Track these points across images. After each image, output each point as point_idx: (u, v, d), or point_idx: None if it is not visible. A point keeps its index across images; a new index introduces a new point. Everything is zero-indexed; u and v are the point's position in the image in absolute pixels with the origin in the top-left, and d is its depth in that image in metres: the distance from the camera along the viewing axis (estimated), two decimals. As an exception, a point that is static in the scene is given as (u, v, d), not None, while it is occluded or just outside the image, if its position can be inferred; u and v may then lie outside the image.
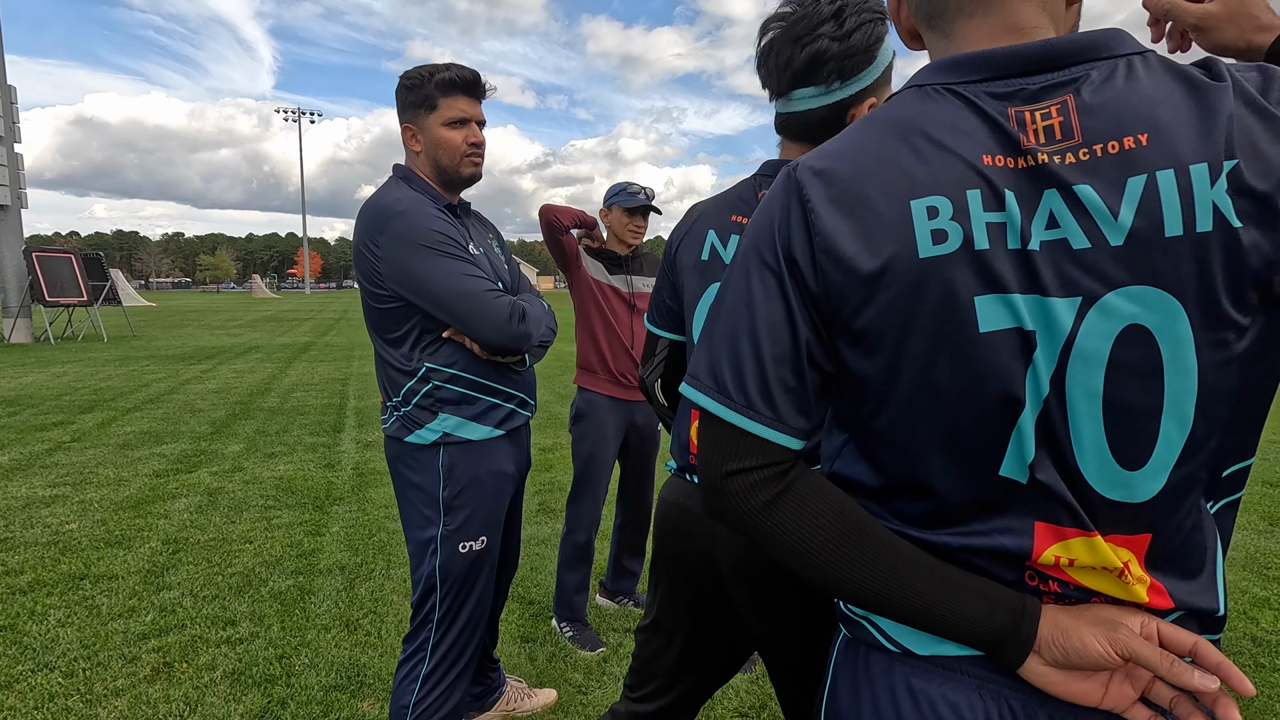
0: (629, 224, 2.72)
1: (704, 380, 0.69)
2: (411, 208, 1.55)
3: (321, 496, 4.40)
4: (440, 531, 1.62)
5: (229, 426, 6.43)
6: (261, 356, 12.37)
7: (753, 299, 0.67)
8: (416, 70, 1.65)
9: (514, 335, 1.57)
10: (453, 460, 1.63)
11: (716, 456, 0.68)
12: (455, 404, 1.62)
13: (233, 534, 3.73)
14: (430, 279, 1.51)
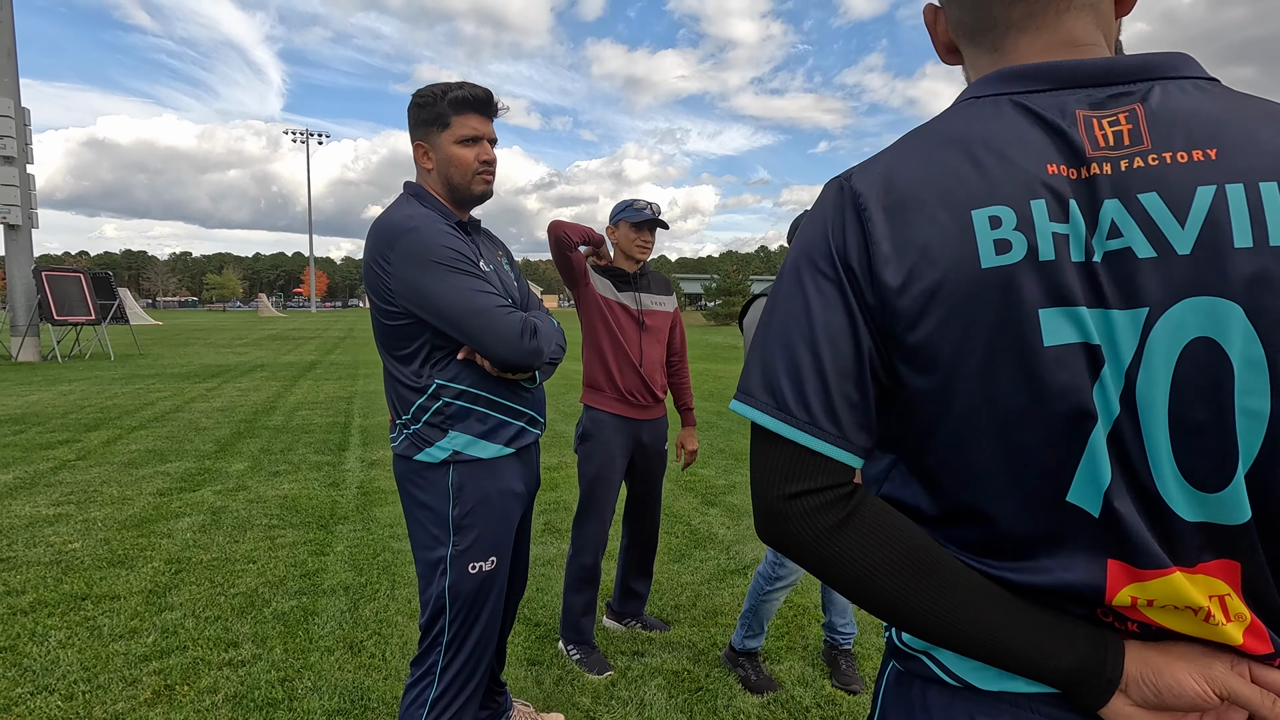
0: (637, 239, 2.71)
1: (759, 396, 0.64)
2: (423, 224, 1.54)
3: (326, 515, 4.36)
4: (450, 551, 1.60)
5: (233, 445, 6.41)
6: (267, 375, 12.39)
7: (810, 307, 0.63)
8: (429, 88, 1.65)
9: (525, 352, 1.55)
10: (462, 479, 1.60)
11: (776, 478, 0.63)
12: (465, 421, 1.60)
13: (236, 553, 3.69)
14: (441, 295, 1.50)
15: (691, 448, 2.96)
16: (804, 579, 3.41)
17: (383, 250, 1.54)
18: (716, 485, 5.19)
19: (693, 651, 2.76)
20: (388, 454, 6.09)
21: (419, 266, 1.51)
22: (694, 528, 4.24)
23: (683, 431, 2.97)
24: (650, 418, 2.75)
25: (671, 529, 4.20)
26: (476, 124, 1.67)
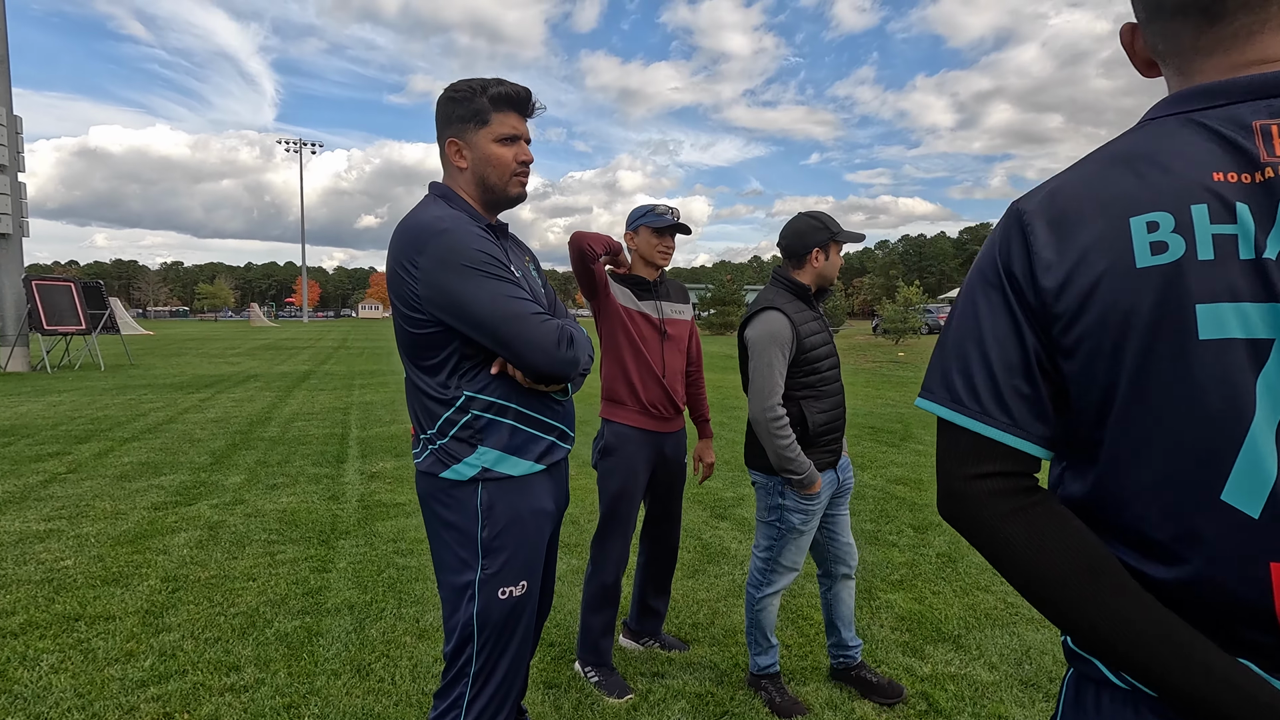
0: (658, 245, 2.62)
1: (937, 391, 0.72)
2: (454, 226, 1.45)
3: (327, 530, 4.24)
4: (479, 576, 1.50)
5: (229, 457, 6.28)
6: (261, 385, 12.23)
7: (978, 313, 0.71)
8: (465, 83, 1.57)
9: (563, 361, 1.46)
10: (492, 498, 1.51)
11: (954, 462, 0.70)
12: (495, 436, 1.51)
13: (235, 570, 3.57)
14: (475, 301, 1.41)
15: (709, 460, 2.87)
16: (803, 587, 3.32)
17: (410, 254, 1.45)
18: (725, 498, 5.09)
19: (715, 673, 2.66)
20: (387, 466, 5.97)
21: (450, 270, 1.41)
22: (705, 542, 4.14)
23: (700, 444, 2.88)
24: (672, 430, 2.67)
25: (683, 544, 4.08)
26: (515, 123, 1.59)
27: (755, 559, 2.52)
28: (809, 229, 2.37)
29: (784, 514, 2.38)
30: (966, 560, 3.82)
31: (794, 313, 2.33)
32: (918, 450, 6.93)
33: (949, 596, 3.34)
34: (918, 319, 25.86)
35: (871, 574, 3.61)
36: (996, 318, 0.69)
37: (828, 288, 2.48)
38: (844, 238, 2.40)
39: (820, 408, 2.34)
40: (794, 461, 2.24)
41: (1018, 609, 3.20)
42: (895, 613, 3.15)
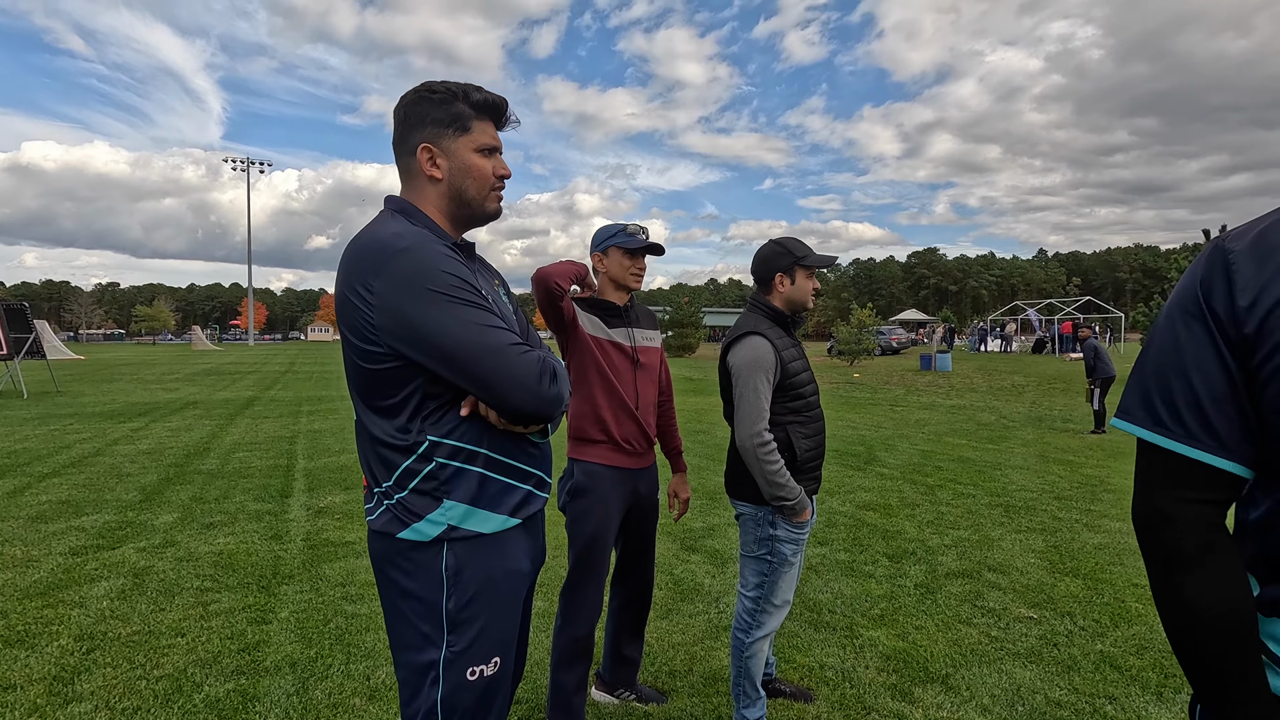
0: (631, 267, 2.45)
1: (1138, 413, 0.76)
2: (416, 243, 1.25)
3: (268, 575, 3.90)
4: (444, 654, 1.28)
5: (161, 493, 5.82)
6: (200, 413, 11.58)
7: (1179, 343, 0.75)
8: (443, 84, 1.38)
9: (548, 399, 1.27)
10: (459, 561, 1.29)
11: (1156, 484, 0.75)
12: (464, 488, 1.30)
13: (161, 625, 3.22)
14: (444, 331, 1.21)
15: (685, 496, 2.71)
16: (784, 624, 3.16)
17: (364, 277, 1.22)
18: (695, 529, 4.92)
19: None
20: (336, 500, 5.61)
21: (413, 296, 1.21)
22: (677, 578, 3.95)
23: (675, 479, 2.71)
24: (646, 465, 2.49)
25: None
26: (494, 133, 1.42)
27: (743, 600, 2.36)
28: (772, 254, 2.35)
29: (776, 545, 2.26)
30: (945, 590, 3.72)
31: (775, 338, 2.26)
32: (882, 474, 6.90)
33: (932, 631, 3.23)
34: (871, 340, 26.36)
35: (851, 609, 3.48)
36: (1200, 349, 0.73)
37: (800, 313, 2.40)
38: (809, 262, 2.33)
39: (806, 433, 2.28)
40: (785, 488, 2.16)
41: (1002, 643, 3.10)
42: (880, 651, 3.01)
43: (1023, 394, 15.83)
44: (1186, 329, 0.74)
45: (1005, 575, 3.97)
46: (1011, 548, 4.49)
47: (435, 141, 1.37)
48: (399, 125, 1.41)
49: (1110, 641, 3.12)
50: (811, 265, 2.33)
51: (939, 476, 6.78)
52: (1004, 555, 4.33)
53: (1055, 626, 3.28)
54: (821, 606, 3.51)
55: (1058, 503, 5.72)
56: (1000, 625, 3.29)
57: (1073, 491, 6.14)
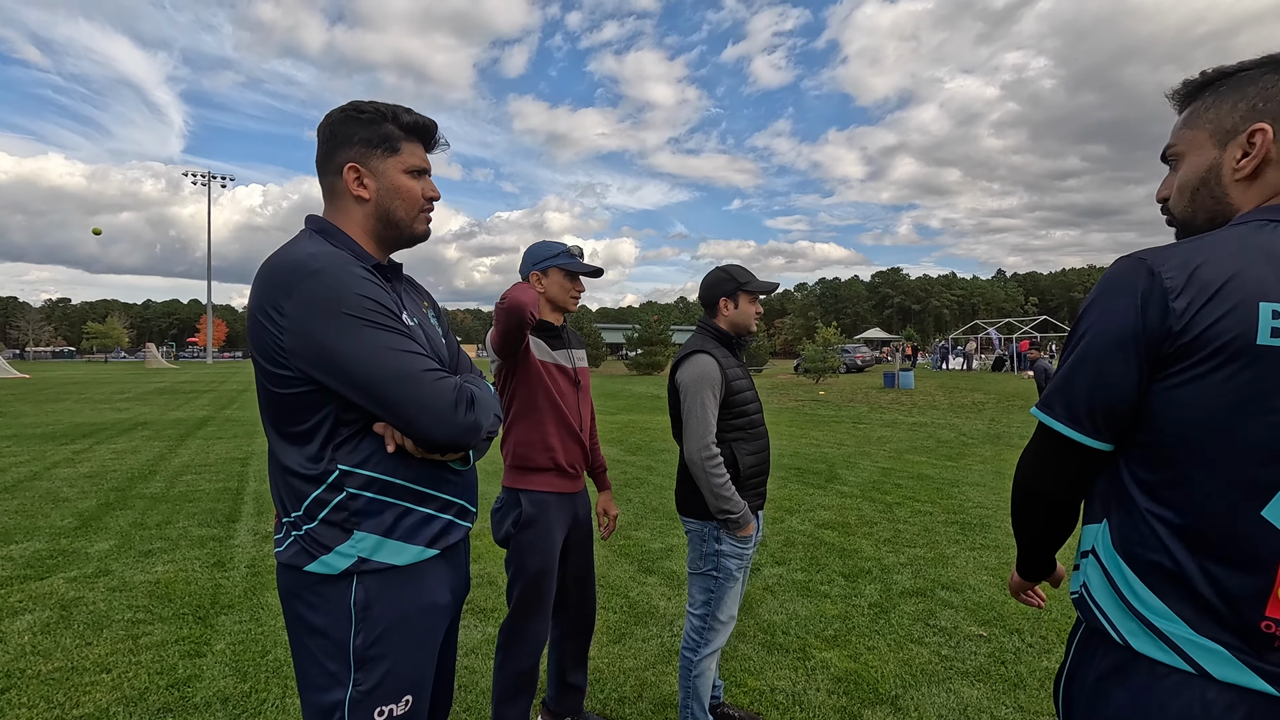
0: (572, 289, 2.42)
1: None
2: (330, 265, 1.21)
3: (205, 604, 3.74)
4: (349, 694, 1.22)
5: (99, 519, 5.57)
6: (149, 434, 11.17)
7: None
8: (372, 104, 1.35)
9: (461, 427, 1.23)
10: (369, 595, 1.24)
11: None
12: (376, 517, 1.25)
13: (86, 660, 3.06)
14: (354, 356, 1.17)
15: (615, 513, 2.67)
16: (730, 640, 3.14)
17: (275, 298, 1.18)
18: (653, 549, 4.88)
19: (642, 757, 2.41)
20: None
21: (325, 319, 1.16)
22: (632, 600, 3.90)
23: (603, 496, 2.66)
24: (581, 488, 2.46)
25: (608, 604, 3.84)
26: (423, 155, 1.40)
27: (691, 618, 2.35)
28: (716, 280, 2.42)
29: (721, 560, 2.27)
30: (898, 610, 3.74)
31: (721, 357, 2.32)
32: (842, 492, 6.95)
33: (884, 651, 3.23)
34: (836, 358, 26.72)
35: (805, 630, 3.47)
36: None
37: (745, 335, 2.45)
38: (752, 287, 2.39)
39: (750, 449, 2.32)
40: (730, 501, 2.19)
41: (952, 662, 3.11)
42: (831, 674, 3.00)
43: (982, 411, 16.17)
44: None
45: (958, 593, 4.01)
46: (965, 565, 4.54)
47: (363, 161, 1.35)
48: (324, 143, 1.38)
49: (1056, 657, 3.15)
50: (753, 291, 2.39)
51: (898, 494, 6.85)
52: (958, 573, 4.38)
53: (1004, 644, 3.31)
54: (776, 628, 3.49)
55: (1011, 519, 5.82)
56: (951, 644, 3.31)
57: (1026, 508, 6.25)
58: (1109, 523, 1.02)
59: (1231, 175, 0.99)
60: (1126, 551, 0.98)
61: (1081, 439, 1.00)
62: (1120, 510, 1.00)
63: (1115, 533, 1.00)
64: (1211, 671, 0.90)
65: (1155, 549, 0.95)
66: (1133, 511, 0.98)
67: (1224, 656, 0.90)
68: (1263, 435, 0.88)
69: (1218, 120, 1.00)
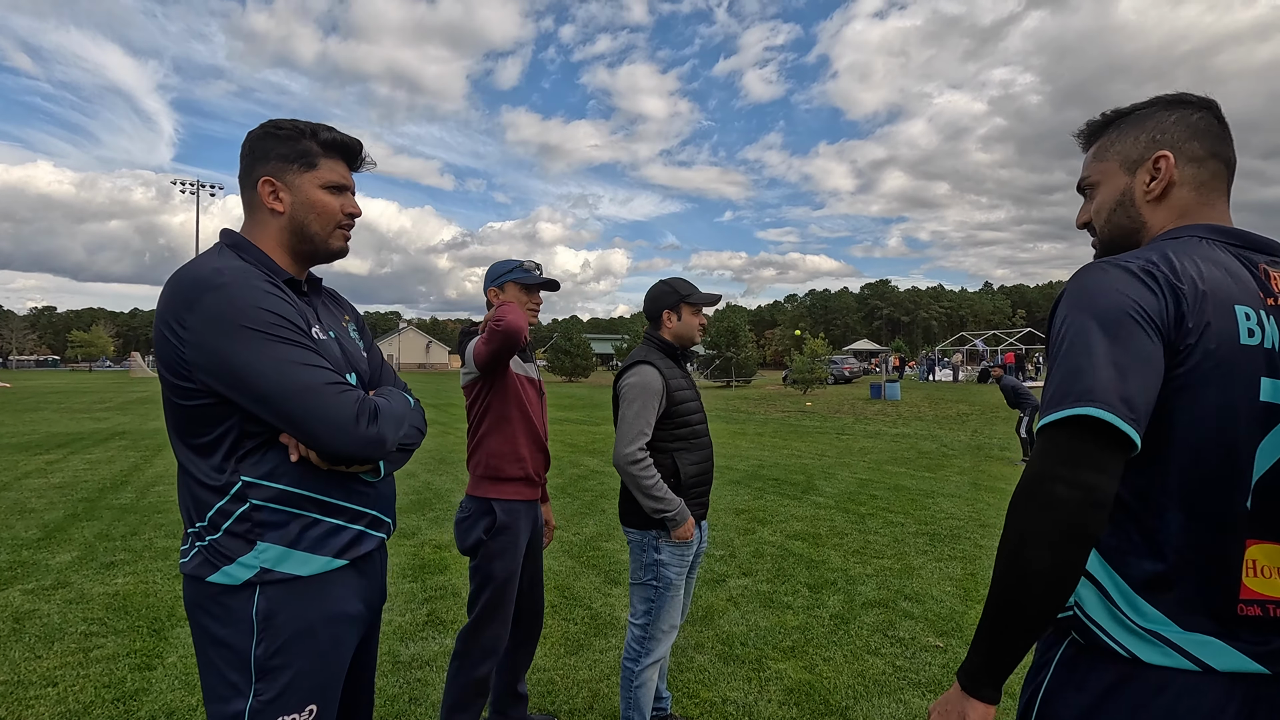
0: (529, 302, 2.46)
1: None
2: (234, 279, 1.22)
3: (163, 616, 3.71)
4: (249, 704, 1.22)
5: (64, 530, 5.51)
6: (126, 444, 11.06)
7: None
8: (290, 121, 1.38)
9: (362, 441, 1.24)
10: (271, 605, 1.24)
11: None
12: (280, 528, 1.25)
13: (33, 674, 3.02)
14: (254, 370, 1.18)
15: (553, 524, 2.69)
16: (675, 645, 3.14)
17: (178, 311, 1.20)
18: (621, 561, 4.87)
19: (586, 769, 2.41)
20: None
21: (226, 332, 1.18)
22: (595, 611, 3.90)
23: (544, 507, 2.65)
24: (539, 496, 2.48)
25: (570, 614, 3.84)
26: (344, 172, 1.42)
27: (632, 628, 2.36)
28: (659, 293, 2.47)
29: (660, 570, 2.30)
30: (859, 620, 3.75)
31: (665, 368, 2.35)
32: (817, 503, 6.97)
33: (839, 662, 3.24)
34: (824, 370, 26.86)
35: (763, 641, 3.47)
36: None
37: (689, 347, 2.51)
38: (694, 299, 2.44)
39: (692, 459, 2.36)
40: (663, 500, 2.22)
41: (906, 673, 3.13)
42: (784, 685, 3.01)
43: (966, 422, 16.27)
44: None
45: (920, 604, 4.02)
46: (930, 576, 4.56)
47: (278, 175, 1.37)
48: (244, 159, 1.40)
49: (1009, 669, 3.17)
50: (696, 303, 2.42)
51: (872, 505, 6.88)
52: (922, 584, 4.39)
53: (960, 655, 3.32)
54: (734, 639, 3.49)
55: (982, 530, 5.85)
56: (907, 655, 3.32)
57: (998, 519, 6.28)
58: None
59: (1143, 197, 1.10)
60: (1118, 564, 0.97)
61: (1129, 429, 0.87)
62: (1111, 523, 0.96)
63: (1104, 545, 0.98)
64: (1213, 664, 0.92)
65: (1147, 556, 0.95)
66: (1123, 522, 0.97)
67: (1218, 646, 0.93)
68: (1239, 429, 0.94)
69: (1124, 152, 1.12)
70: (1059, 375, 0.92)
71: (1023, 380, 28.01)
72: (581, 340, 45.52)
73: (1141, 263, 0.96)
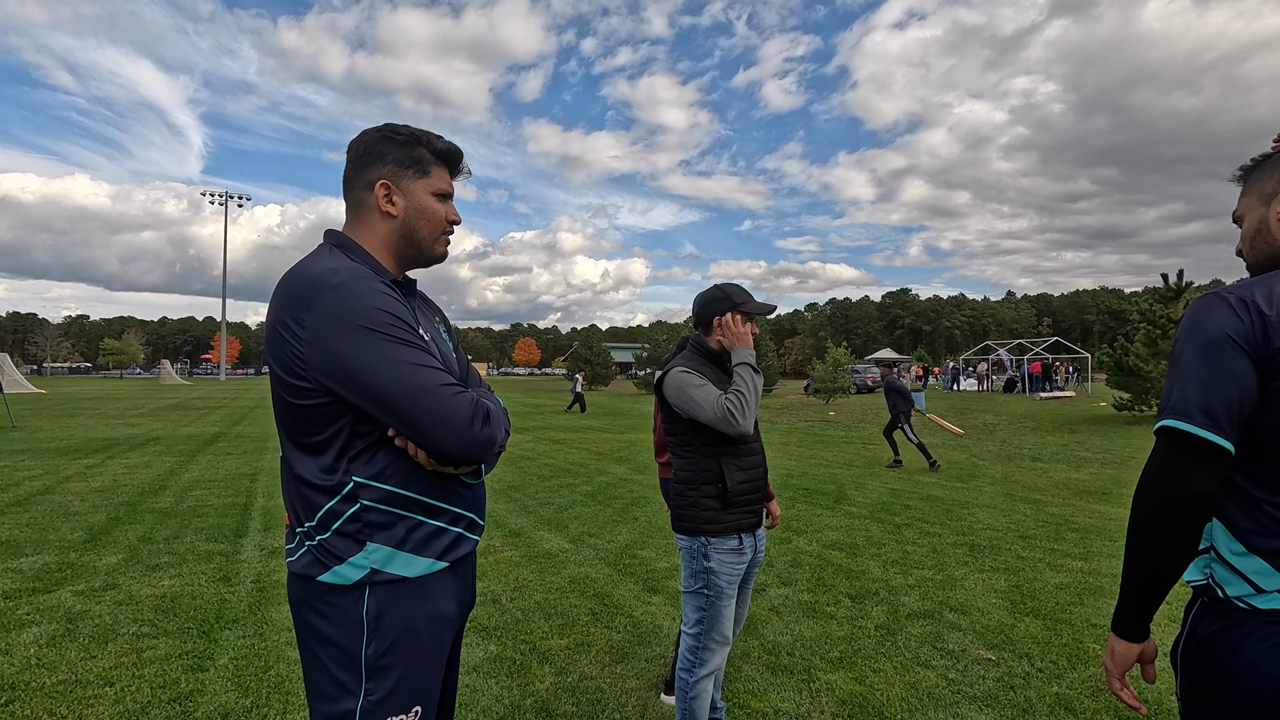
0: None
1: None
2: (351, 280, 1.23)
3: (210, 619, 3.75)
4: (360, 704, 1.23)
5: (108, 533, 5.61)
6: (161, 449, 11.27)
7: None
8: (405, 128, 1.41)
9: (476, 442, 1.24)
10: (381, 606, 1.25)
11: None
12: (388, 529, 1.26)
13: (90, 673, 3.07)
14: (373, 370, 1.19)
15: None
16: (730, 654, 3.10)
17: (295, 311, 1.21)
18: (658, 569, 4.84)
19: (643, 778, 2.38)
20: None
21: (344, 332, 1.19)
22: (636, 620, 3.87)
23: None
24: None
25: (611, 622, 3.82)
26: (449, 180, 1.45)
27: (685, 638, 2.33)
28: (712, 299, 2.40)
29: (711, 578, 2.26)
30: (905, 632, 3.69)
31: (709, 375, 2.30)
32: (850, 513, 6.88)
33: (890, 674, 3.18)
34: (846, 379, 26.62)
35: (810, 651, 3.43)
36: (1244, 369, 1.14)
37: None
38: (748, 308, 2.37)
39: (739, 466, 2.29)
40: (747, 368, 2.23)
41: (959, 686, 3.06)
42: (836, 696, 2.96)
43: (994, 432, 16.02)
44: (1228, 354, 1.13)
45: (966, 616, 3.95)
46: (974, 588, 4.48)
47: (394, 180, 1.39)
48: (356, 159, 1.41)
49: (1066, 683, 3.10)
50: (749, 311, 2.37)
51: (907, 515, 6.78)
52: (966, 595, 4.32)
53: (1013, 668, 3.25)
54: (780, 649, 3.45)
55: (1022, 542, 5.74)
56: (959, 667, 3.26)
57: (1037, 530, 6.17)
58: (1227, 518, 1.18)
59: (1276, 223, 1.26)
60: (1248, 542, 1.15)
61: (1220, 441, 1.11)
62: (1237, 508, 1.17)
63: (1234, 527, 1.17)
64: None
65: (1274, 535, 1.13)
66: (1250, 507, 1.15)
67: None
68: None
69: (1261, 186, 1.30)
70: (1164, 392, 1.19)
71: (1050, 389, 27.56)
72: (601, 349, 45.63)
73: (1239, 294, 1.15)
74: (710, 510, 2.24)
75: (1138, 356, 16.90)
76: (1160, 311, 17.05)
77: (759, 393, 2.21)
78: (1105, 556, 5.25)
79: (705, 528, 2.24)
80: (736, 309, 2.36)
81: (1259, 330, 1.12)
